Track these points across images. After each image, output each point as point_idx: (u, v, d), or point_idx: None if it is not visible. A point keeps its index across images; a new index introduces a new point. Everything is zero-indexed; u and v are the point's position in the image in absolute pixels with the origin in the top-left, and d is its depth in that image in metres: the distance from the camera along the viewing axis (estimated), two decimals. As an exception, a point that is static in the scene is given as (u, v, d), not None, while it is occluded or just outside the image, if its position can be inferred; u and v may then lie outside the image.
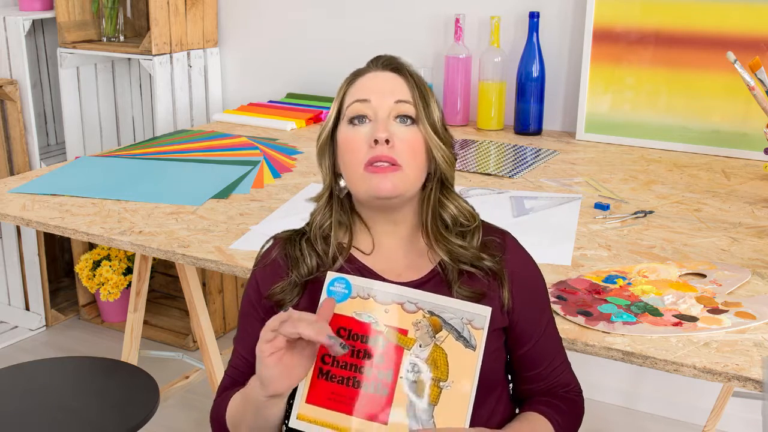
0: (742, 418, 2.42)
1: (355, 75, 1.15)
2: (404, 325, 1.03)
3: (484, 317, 1.02)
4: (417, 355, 1.02)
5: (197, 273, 2.15)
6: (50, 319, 3.12)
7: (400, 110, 1.10)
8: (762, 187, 1.90)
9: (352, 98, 1.12)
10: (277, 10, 2.86)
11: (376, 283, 1.06)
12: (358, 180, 1.10)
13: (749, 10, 2.12)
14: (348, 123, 1.12)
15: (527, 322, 1.14)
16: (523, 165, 2.07)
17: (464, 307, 1.03)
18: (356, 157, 1.09)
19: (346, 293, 1.05)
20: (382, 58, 1.16)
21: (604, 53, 2.31)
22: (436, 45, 2.60)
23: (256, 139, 2.32)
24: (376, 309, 1.04)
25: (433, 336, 1.03)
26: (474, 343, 1.02)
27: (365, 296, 1.05)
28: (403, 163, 1.08)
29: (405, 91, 1.12)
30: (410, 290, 1.05)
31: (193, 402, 2.64)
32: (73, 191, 1.86)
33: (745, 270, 1.41)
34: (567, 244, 1.54)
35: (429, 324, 1.03)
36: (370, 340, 1.04)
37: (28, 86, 2.84)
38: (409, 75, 1.13)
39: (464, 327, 1.02)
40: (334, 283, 1.06)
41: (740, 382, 1.09)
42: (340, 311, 1.05)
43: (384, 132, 1.08)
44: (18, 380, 1.71)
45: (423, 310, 1.04)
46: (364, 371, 1.03)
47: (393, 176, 1.08)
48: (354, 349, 1.03)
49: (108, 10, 2.84)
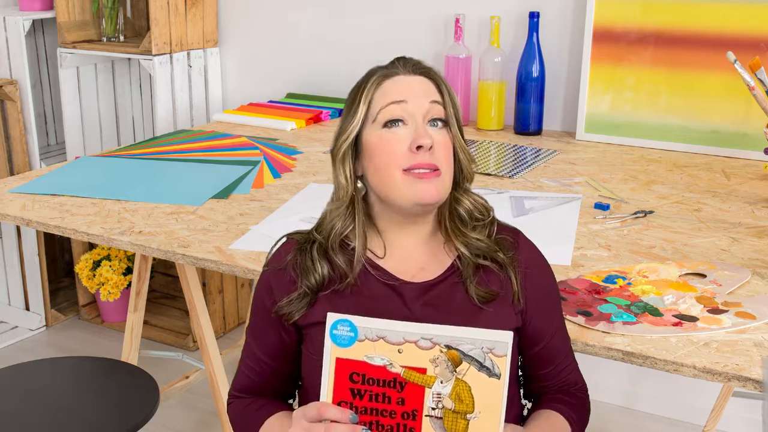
0: (742, 418, 2.42)
1: (382, 77, 1.13)
2: (422, 364, 0.98)
3: (506, 344, 0.97)
4: (439, 392, 0.98)
5: (197, 273, 2.15)
6: (50, 319, 3.12)
7: (433, 113, 1.10)
8: (762, 187, 1.90)
9: (386, 100, 1.10)
10: (277, 10, 2.86)
11: (385, 322, 0.99)
12: (397, 185, 1.08)
13: (749, 10, 2.12)
14: (382, 126, 1.10)
15: (540, 322, 1.15)
16: (523, 165, 2.07)
17: (483, 336, 0.98)
18: (394, 162, 1.08)
19: (352, 336, 0.99)
20: (410, 61, 1.15)
21: (604, 53, 2.31)
22: (436, 45, 2.60)
23: (256, 139, 2.32)
24: (389, 350, 0.98)
25: (454, 371, 0.98)
26: (498, 372, 0.97)
27: (374, 338, 0.99)
28: (442, 168, 1.08)
29: (436, 93, 1.12)
30: (422, 326, 0.99)
31: (193, 402, 2.64)
32: (73, 191, 1.86)
33: (745, 270, 1.41)
34: (567, 244, 1.54)
35: (447, 359, 0.98)
36: (387, 383, 0.99)
37: (28, 86, 2.84)
38: (439, 79, 1.14)
39: (485, 356, 0.97)
40: (337, 326, 0.99)
41: (740, 382, 1.09)
42: (350, 356, 0.99)
43: (428, 138, 1.07)
44: (18, 380, 1.71)
45: (439, 345, 0.98)
46: (387, 414, 0.99)
47: (436, 182, 1.08)
48: (372, 394, 0.99)
49: (108, 10, 2.84)
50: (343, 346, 0.99)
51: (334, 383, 1.00)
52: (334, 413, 0.99)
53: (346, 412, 0.99)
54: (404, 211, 1.11)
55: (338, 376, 1.00)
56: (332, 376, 1.00)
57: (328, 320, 0.99)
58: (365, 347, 0.99)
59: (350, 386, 1.00)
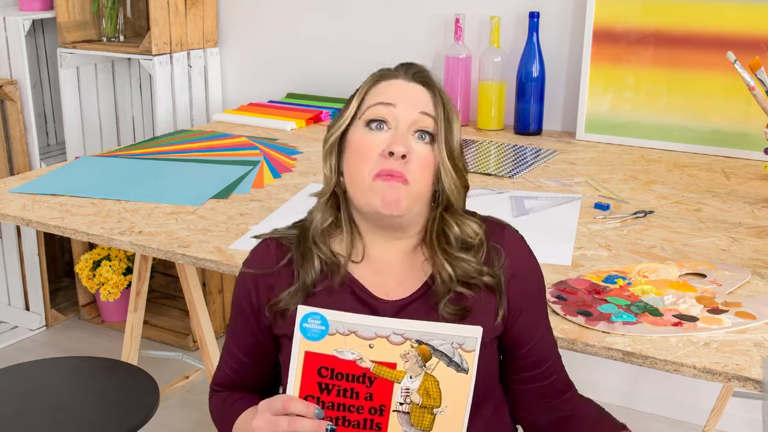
0: (742, 418, 2.42)
1: (380, 76, 1.10)
2: (392, 359, 0.98)
3: (475, 339, 0.98)
4: (408, 387, 0.99)
5: (197, 273, 2.15)
6: (50, 319, 3.12)
7: (421, 124, 1.05)
8: (762, 187, 1.90)
9: (376, 99, 1.07)
10: (277, 10, 2.86)
11: (357, 317, 0.99)
12: (364, 190, 1.05)
13: (749, 10, 2.12)
14: (365, 125, 1.07)
15: (525, 324, 1.13)
16: (523, 165, 2.07)
17: (454, 331, 0.98)
18: (366, 165, 1.05)
19: (323, 330, 0.98)
20: (414, 68, 1.10)
21: (604, 53, 2.31)
22: (436, 45, 2.60)
23: (256, 139, 2.32)
24: (360, 344, 0.98)
25: (423, 365, 0.98)
26: (466, 367, 0.98)
27: (345, 332, 0.98)
28: (412, 180, 1.04)
29: (430, 106, 1.07)
30: (395, 321, 0.99)
31: (193, 402, 2.64)
32: (73, 191, 1.86)
33: (745, 270, 1.41)
34: (567, 244, 1.54)
35: (418, 354, 0.98)
36: (356, 377, 0.99)
37: (28, 86, 2.84)
38: (438, 92, 1.08)
39: (455, 352, 0.98)
40: (308, 319, 0.98)
41: (740, 382, 1.09)
42: (319, 350, 0.98)
43: (402, 146, 1.03)
44: (18, 380, 1.71)
45: (410, 340, 0.98)
46: (354, 410, 0.99)
47: (403, 190, 1.03)
48: (340, 389, 0.99)
49: (108, 10, 2.84)
50: (313, 340, 0.98)
51: (302, 377, 0.99)
52: (299, 407, 0.97)
53: (311, 407, 0.98)
54: (369, 218, 1.08)
55: (306, 370, 0.99)
56: (300, 370, 0.99)
57: (298, 313, 0.98)
58: (335, 341, 0.98)
59: (318, 380, 0.99)
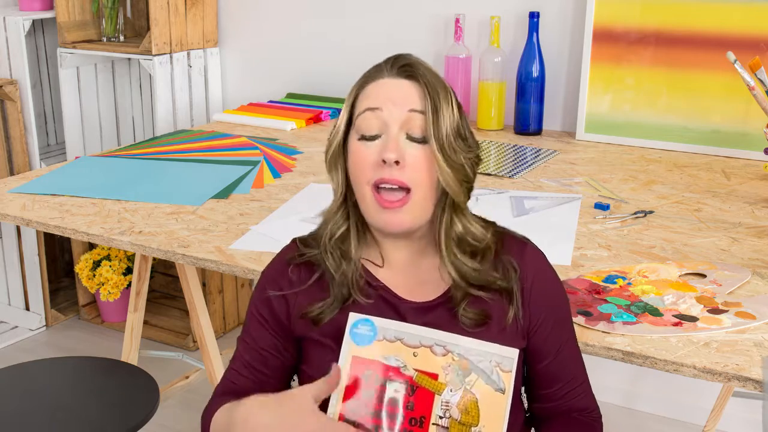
0: (742, 418, 2.42)
1: (367, 79, 1.08)
2: (434, 369, 1.00)
3: (512, 360, 1.00)
4: (448, 400, 0.99)
5: (197, 273, 2.15)
6: (50, 319, 3.12)
7: (411, 124, 1.03)
8: (762, 187, 1.90)
9: (364, 105, 1.05)
10: (277, 10, 2.86)
11: (404, 325, 1.02)
12: (367, 203, 1.05)
13: (749, 10, 2.12)
14: (358, 138, 1.05)
15: (543, 338, 1.11)
16: (523, 165, 2.07)
17: (492, 350, 1.00)
18: (364, 176, 1.04)
19: (371, 335, 1.01)
20: (399, 61, 1.07)
21: (604, 53, 2.31)
22: (436, 45, 2.60)
23: (256, 139, 2.32)
24: (404, 352, 1.00)
25: (463, 380, 1.00)
26: (503, 386, 0.99)
27: (392, 339, 1.00)
28: (413, 185, 1.02)
29: (417, 101, 1.04)
30: (439, 333, 1.01)
31: (193, 402, 2.64)
32: (73, 191, 1.86)
33: (745, 270, 1.41)
34: (567, 244, 1.54)
35: (459, 368, 1.00)
36: (399, 385, 1.00)
37: (28, 86, 2.84)
38: (426, 84, 1.05)
39: (493, 370, 1.00)
40: (358, 325, 1.01)
41: (740, 382, 1.09)
42: (366, 355, 1.00)
43: (393, 151, 1.01)
44: (18, 380, 1.71)
45: (452, 353, 1.00)
46: (395, 418, 0.99)
47: (404, 211, 1.02)
48: (383, 395, 1.00)
49: (108, 10, 2.84)
50: (362, 345, 1.00)
51: (348, 381, 1.01)
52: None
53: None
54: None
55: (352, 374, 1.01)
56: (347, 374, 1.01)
57: (350, 320, 1.01)
58: (382, 347, 1.00)
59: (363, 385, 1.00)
